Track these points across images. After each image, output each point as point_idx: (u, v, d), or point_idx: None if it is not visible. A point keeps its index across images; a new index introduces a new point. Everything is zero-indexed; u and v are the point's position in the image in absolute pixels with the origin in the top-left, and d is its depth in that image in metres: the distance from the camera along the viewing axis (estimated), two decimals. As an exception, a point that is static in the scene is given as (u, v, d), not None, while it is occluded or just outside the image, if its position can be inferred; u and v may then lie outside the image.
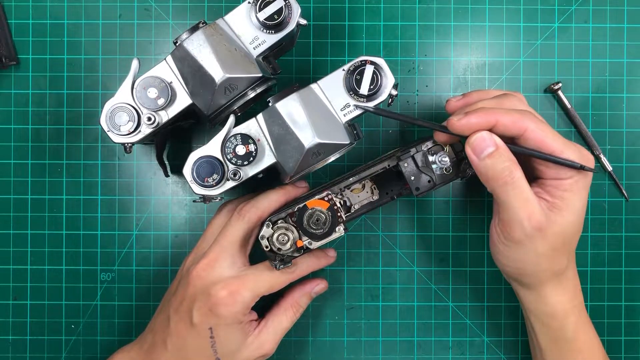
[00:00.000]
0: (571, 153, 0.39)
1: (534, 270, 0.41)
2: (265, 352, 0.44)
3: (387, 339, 0.52)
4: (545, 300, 0.43)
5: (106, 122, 0.42)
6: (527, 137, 0.39)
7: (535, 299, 0.43)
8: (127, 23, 0.52)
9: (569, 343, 0.44)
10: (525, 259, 0.41)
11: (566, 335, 0.43)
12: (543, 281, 0.42)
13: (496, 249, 0.42)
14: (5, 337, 0.52)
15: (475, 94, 0.44)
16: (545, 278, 0.42)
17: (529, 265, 0.41)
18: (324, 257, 0.47)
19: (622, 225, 0.52)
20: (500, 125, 0.39)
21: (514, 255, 0.41)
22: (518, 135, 0.39)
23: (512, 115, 0.39)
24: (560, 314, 0.43)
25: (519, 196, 0.39)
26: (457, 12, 0.52)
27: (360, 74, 0.42)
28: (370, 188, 0.47)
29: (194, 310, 0.42)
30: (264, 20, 0.42)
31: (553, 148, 0.39)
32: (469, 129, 0.39)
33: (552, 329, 0.43)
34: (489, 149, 0.39)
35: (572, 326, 0.43)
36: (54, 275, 0.52)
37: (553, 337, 0.44)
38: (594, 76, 0.52)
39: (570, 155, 0.39)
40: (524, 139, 0.39)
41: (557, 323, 0.43)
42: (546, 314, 0.43)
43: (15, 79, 0.51)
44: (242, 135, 0.41)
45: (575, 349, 0.44)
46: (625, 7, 0.52)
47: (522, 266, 0.41)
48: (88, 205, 0.52)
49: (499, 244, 0.41)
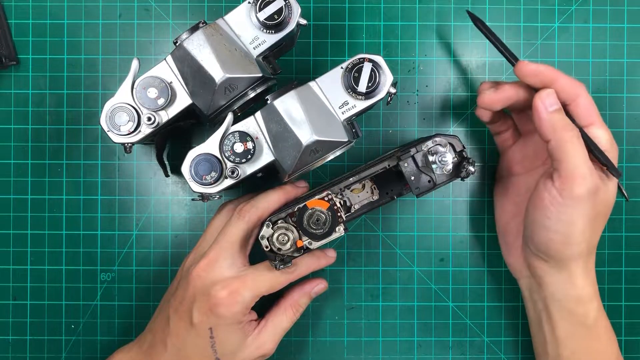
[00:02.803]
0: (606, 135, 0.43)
1: (580, 239, 0.42)
2: (265, 352, 0.44)
3: (387, 339, 0.52)
4: (574, 282, 0.43)
5: (106, 122, 0.42)
6: (579, 104, 0.42)
7: (564, 281, 0.43)
8: (127, 23, 0.52)
9: (589, 330, 0.44)
10: (577, 221, 0.41)
11: (587, 322, 0.44)
12: (580, 256, 0.43)
13: (544, 214, 0.42)
14: (5, 337, 0.52)
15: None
16: (583, 252, 0.43)
17: (576, 231, 0.41)
18: (323, 258, 0.47)
19: (622, 225, 0.52)
20: (559, 84, 0.42)
21: (566, 216, 0.41)
22: (570, 101, 0.42)
23: (572, 79, 0.42)
24: (586, 298, 0.44)
25: (582, 151, 0.40)
26: (457, 12, 0.52)
27: (359, 71, 0.42)
28: (370, 188, 0.47)
29: (193, 310, 0.42)
30: (264, 20, 0.42)
31: (594, 121, 0.43)
32: (536, 74, 0.42)
33: (576, 316, 0.44)
34: (555, 105, 0.41)
35: (594, 313, 0.44)
36: (54, 275, 0.52)
37: (575, 324, 0.44)
38: (594, 76, 0.52)
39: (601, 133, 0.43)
40: (575, 105, 0.42)
41: (582, 308, 0.44)
42: (573, 299, 0.43)
43: (15, 79, 0.51)
44: (240, 133, 0.41)
45: (595, 336, 0.44)
46: (625, 7, 0.52)
47: (571, 232, 0.41)
48: (88, 205, 0.52)
49: (552, 205, 0.41)
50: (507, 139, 0.49)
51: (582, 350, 0.44)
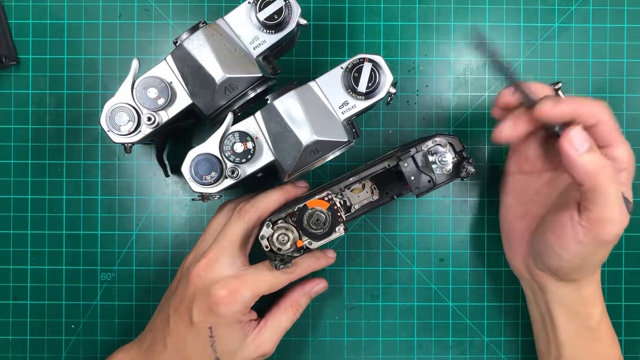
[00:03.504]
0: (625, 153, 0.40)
1: (594, 265, 0.41)
2: (265, 351, 0.44)
3: (387, 339, 0.52)
4: (581, 288, 0.43)
5: (106, 122, 0.42)
6: (601, 129, 0.39)
7: (572, 289, 0.43)
8: (127, 23, 0.52)
9: (592, 332, 0.44)
10: (596, 258, 0.40)
11: (591, 324, 0.44)
12: (592, 272, 0.42)
13: (562, 245, 0.40)
14: (5, 337, 0.52)
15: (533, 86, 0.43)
16: (595, 269, 0.42)
17: (592, 262, 0.40)
18: (323, 258, 0.47)
19: (622, 225, 0.52)
20: (585, 116, 0.38)
21: (587, 253, 0.39)
22: (593, 125, 0.39)
23: (593, 104, 0.38)
24: (590, 302, 0.43)
25: (616, 196, 0.37)
26: (457, 12, 0.52)
27: (359, 71, 0.42)
28: (370, 188, 0.47)
29: (193, 309, 0.42)
30: (264, 20, 0.42)
31: (616, 141, 0.39)
32: (562, 117, 0.38)
33: (579, 318, 0.44)
34: (585, 144, 0.37)
35: (597, 316, 0.44)
36: (54, 275, 0.52)
37: (578, 327, 0.44)
38: (594, 76, 0.52)
39: (623, 152, 0.39)
40: (597, 129, 0.39)
41: (585, 311, 0.43)
42: (579, 302, 0.43)
43: (15, 79, 0.51)
44: (240, 133, 0.41)
45: (597, 338, 0.44)
46: (625, 7, 0.52)
47: (586, 263, 0.40)
48: (88, 205, 0.52)
49: (573, 240, 0.39)
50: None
51: (584, 352, 0.44)
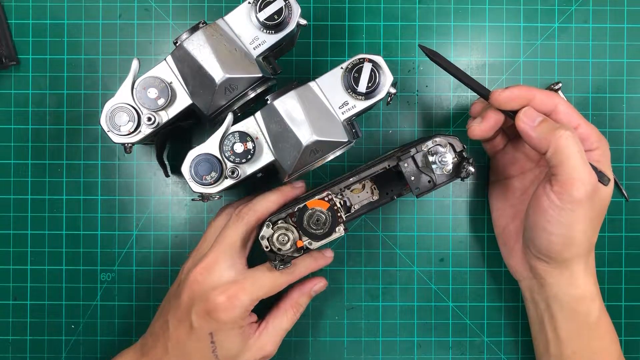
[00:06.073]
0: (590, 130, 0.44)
1: (581, 239, 0.42)
2: (267, 353, 0.44)
3: (387, 339, 0.52)
4: (576, 282, 0.43)
5: (106, 122, 0.42)
6: (559, 111, 0.43)
7: (566, 281, 0.44)
8: (127, 23, 0.52)
9: (592, 330, 0.44)
10: (578, 223, 0.41)
11: (590, 321, 0.44)
12: (581, 255, 0.43)
13: (544, 217, 0.42)
14: (5, 337, 0.52)
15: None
16: (583, 252, 0.43)
17: (577, 233, 0.41)
18: (321, 258, 0.47)
19: (622, 225, 0.52)
20: (536, 101, 0.43)
21: (566, 219, 0.41)
22: (550, 112, 0.43)
23: (546, 92, 0.43)
24: (589, 298, 0.44)
25: (579, 154, 0.40)
26: (457, 12, 0.52)
27: (359, 71, 0.42)
28: (370, 188, 0.47)
29: (192, 315, 0.42)
30: (264, 20, 0.42)
31: (578, 123, 0.44)
32: (511, 99, 0.43)
33: (579, 315, 0.44)
34: (537, 117, 0.42)
35: (596, 312, 0.44)
36: (54, 275, 0.52)
37: (578, 324, 0.44)
38: (594, 76, 0.52)
39: (590, 131, 0.44)
40: (556, 113, 0.43)
41: (584, 308, 0.44)
42: (576, 298, 0.44)
43: (15, 79, 0.51)
44: (240, 133, 0.41)
45: (597, 336, 0.45)
46: (625, 7, 0.52)
47: (571, 234, 0.42)
48: (88, 205, 0.52)
49: (551, 209, 0.41)
50: (497, 144, 0.49)
51: (584, 350, 0.44)
